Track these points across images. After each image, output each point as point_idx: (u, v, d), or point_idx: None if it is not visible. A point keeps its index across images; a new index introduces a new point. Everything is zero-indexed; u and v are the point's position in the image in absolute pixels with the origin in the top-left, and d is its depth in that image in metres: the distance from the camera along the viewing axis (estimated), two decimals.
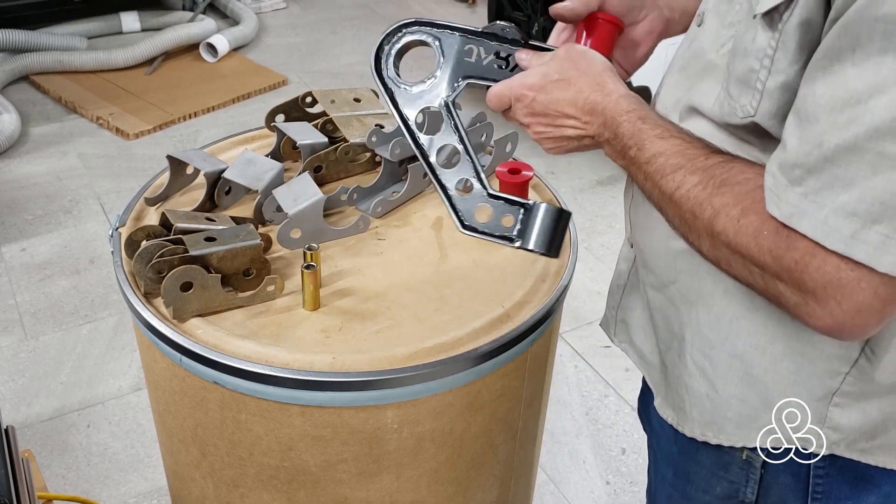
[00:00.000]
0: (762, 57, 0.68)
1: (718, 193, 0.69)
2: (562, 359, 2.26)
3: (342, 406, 0.95)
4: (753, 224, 0.66)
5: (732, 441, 0.85)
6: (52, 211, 2.80)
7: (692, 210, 0.71)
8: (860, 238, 0.59)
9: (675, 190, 0.73)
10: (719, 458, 0.88)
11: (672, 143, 0.75)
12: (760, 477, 0.85)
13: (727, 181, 0.69)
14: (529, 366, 1.07)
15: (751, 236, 0.66)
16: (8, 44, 3.49)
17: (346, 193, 1.17)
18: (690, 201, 0.71)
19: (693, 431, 0.89)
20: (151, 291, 1.01)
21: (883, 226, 0.59)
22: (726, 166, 0.71)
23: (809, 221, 0.62)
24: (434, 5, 4.60)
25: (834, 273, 0.61)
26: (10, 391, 2.11)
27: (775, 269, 0.65)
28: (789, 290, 0.65)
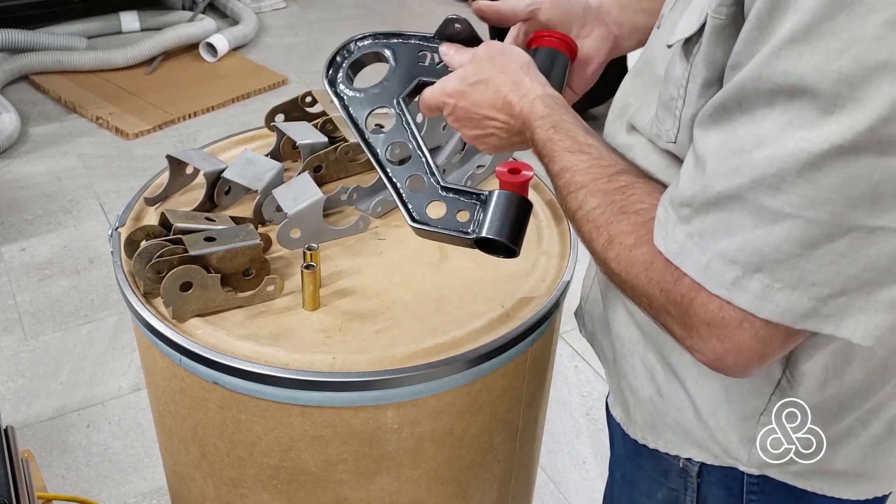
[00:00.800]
0: (678, 86, 0.68)
1: (615, 221, 0.69)
2: (562, 359, 2.26)
3: (342, 406, 0.95)
4: (645, 255, 0.66)
5: (669, 448, 0.85)
6: (51, 211, 2.80)
7: (589, 233, 0.71)
8: (741, 286, 0.59)
9: (577, 209, 0.73)
10: (659, 465, 0.88)
11: (579, 159, 0.75)
12: (697, 486, 0.85)
13: (625, 208, 0.69)
14: (529, 366, 1.07)
15: (641, 267, 0.66)
16: (8, 44, 3.49)
17: (346, 193, 1.17)
18: (589, 223, 0.71)
19: (636, 433, 0.89)
20: (151, 291, 1.01)
21: (763, 275, 0.58)
22: (627, 192, 0.70)
23: (693, 263, 0.61)
24: (434, 5, 4.60)
25: (717, 312, 0.61)
26: (9, 391, 2.10)
27: (662, 301, 0.65)
28: (675, 323, 0.65)
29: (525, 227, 0.88)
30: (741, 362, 0.62)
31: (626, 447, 0.93)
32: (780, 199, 0.56)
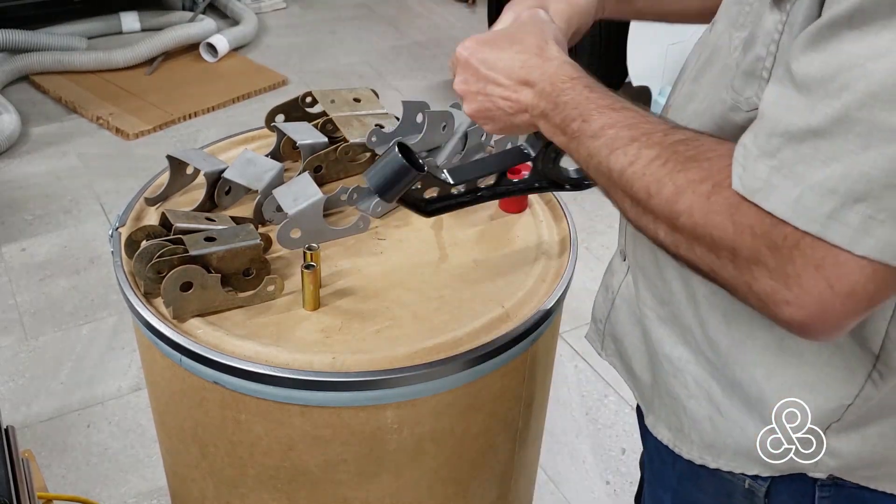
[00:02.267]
0: (769, 43, 0.64)
1: (684, 169, 0.62)
2: (562, 359, 2.26)
3: (342, 406, 0.95)
4: (729, 199, 0.59)
5: (732, 467, 0.83)
6: (52, 211, 2.80)
7: (647, 188, 0.63)
8: (838, 218, 0.54)
9: (626, 166, 0.65)
10: (721, 487, 0.85)
11: (625, 115, 0.68)
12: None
13: (695, 157, 0.62)
14: (529, 366, 1.07)
15: (725, 213, 0.59)
16: (8, 44, 3.49)
17: (346, 193, 1.17)
18: (646, 178, 0.63)
19: (691, 454, 0.86)
20: (151, 291, 1.01)
21: (866, 205, 0.53)
22: (692, 143, 0.63)
23: (780, 197, 0.56)
24: (434, 5, 4.60)
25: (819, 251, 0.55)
26: (10, 391, 2.10)
27: (754, 249, 0.57)
28: (768, 274, 0.57)
29: (398, 185, 0.90)
30: (846, 311, 0.56)
31: (679, 469, 0.89)
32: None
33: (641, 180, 0.64)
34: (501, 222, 1.19)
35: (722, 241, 0.59)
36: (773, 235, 0.57)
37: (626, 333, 0.95)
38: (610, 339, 0.99)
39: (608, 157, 0.67)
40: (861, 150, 0.53)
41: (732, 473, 0.84)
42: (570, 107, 0.73)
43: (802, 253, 0.55)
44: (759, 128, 0.59)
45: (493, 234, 1.17)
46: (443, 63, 3.91)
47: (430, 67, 3.87)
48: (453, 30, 4.31)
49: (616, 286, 0.96)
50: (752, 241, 0.58)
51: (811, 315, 0.57)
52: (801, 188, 0.55)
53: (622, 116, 0.68)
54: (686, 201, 0.61)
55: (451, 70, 0.87)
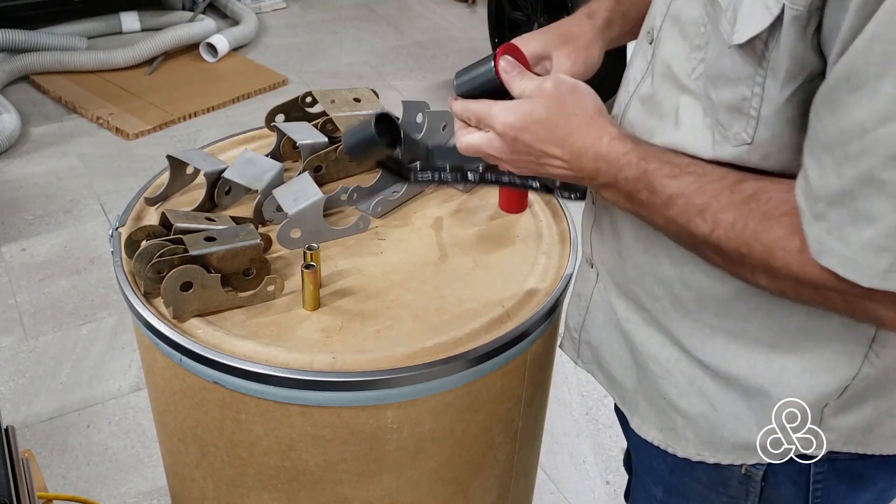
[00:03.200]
0: (752, 85, 0.65)
1: (764, 229, 0.65)
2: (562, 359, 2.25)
3: (342, 406, 0.95)
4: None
5: (731, 460, 0.84)
6: (52, 211, 2.80)
7: (738, 249, 0.67)
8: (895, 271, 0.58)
9: (710, 233, 0.68)
10: (717, 475, 0.86)
11: (687, 182, 0.70)
12: (761, 490, 0.84)
13: (769, 214, 0.65)
14: (529, 366, 1.07)
15: (815, 265, 0.63)
16: (8, 44, 3.49)
17: (346, 193, 1.17)
18: (733, 241, 0.67)
19: (687, 451, 0.87)
20: (151, 291, 1.01)
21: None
22: (760, 198, 0.66)
23: (837, 259, 0.60)
24: (434, 5, 4.60)
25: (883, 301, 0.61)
26: (10, 391, 2.10)
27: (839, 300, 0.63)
28: (883, 305, 0.62)
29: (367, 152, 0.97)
30: None
31: (670, 464, 0.90)
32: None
33: (728, 244, 0.67)
34: (501, 222, 1.19)
35: (826, 286, 0.63)
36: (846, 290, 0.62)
37: (602, 340, 0.96)
38: (586, 346, 1.00)
39: (687, 225, 0.70)
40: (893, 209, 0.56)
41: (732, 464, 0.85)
42: (632, 181, 0.73)
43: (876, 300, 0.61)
44: (807, 189, 0.62)
45: (493, 234, 1.17)
46: (443, 63, 3.92)
47: (430, 67, 3.87)
48: (453, 30, 4.31)
49: (588, 293, 0.97)
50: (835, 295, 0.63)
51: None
52: (853, 248, 0.59)
53: (685, 184, 0.70)
54: (780, 259, 0.65)
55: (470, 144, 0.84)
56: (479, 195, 1.25)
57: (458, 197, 1.24)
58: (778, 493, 0.84)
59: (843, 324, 0.73)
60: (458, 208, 1.22)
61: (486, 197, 1.25)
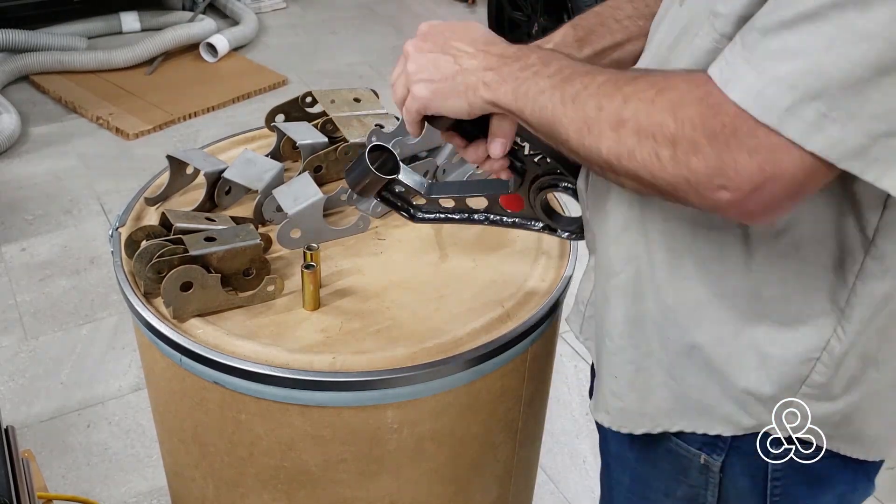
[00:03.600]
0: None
1: (631, 83, 0.66)
2: (562, 359, 2.26)
3: (342, 406, 0.95)
4: (671, 99, 0.63)
5: (695, 427, 0.83)
6: (52, 211, 2.80)
7: (598, 104, 0.67)
8: (795, 112, 0.56)
9: (580, 91, 0.69)
10: (677, 463, 0.86)
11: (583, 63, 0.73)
12: (720, 481, 0.84)
13: (639, 77, 0.67)
14: (529, 366, 1.07)
15: (667, 111, 0.63)
16: (8, 44, 3.49)
17: (346, 193, 1.17)
18: (597, 96, 0.67)
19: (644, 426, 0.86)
20: (151, 291, 1.01)
21: (822, 102, 0.55)
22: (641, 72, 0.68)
23: (744, 88, 0.58)
24: (434, 5, 4.60)
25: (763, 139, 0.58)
26: (10, 391, 2.10)
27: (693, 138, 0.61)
28: (706, 161, 0.60)
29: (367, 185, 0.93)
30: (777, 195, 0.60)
31: (635, 450, 0.90)
32: (869, 15, 0.53)
33: (593, 99, 0.68)
34: None
35: (663, 136, 0.63)
36: (711, 125, 0.60)
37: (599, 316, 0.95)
38: (590, 320, 0.99)
39: (564, 86, 0.71)
40: (826, 48, 0.55)
41: (689, 450, 0.84)
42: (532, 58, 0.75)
43: (739, 141, 0.59)
44: (747, 24, 0.61)
45: (493, 234, 1.17)
46: None
47: None
48: None
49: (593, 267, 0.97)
50: (691, 133, 0.61)
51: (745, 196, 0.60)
52: (766, 79, 0.58)
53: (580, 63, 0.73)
54: (632, 108, 0.65)
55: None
56: None
57: None
58: (735, 486, 0.84)
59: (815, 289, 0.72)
60: None
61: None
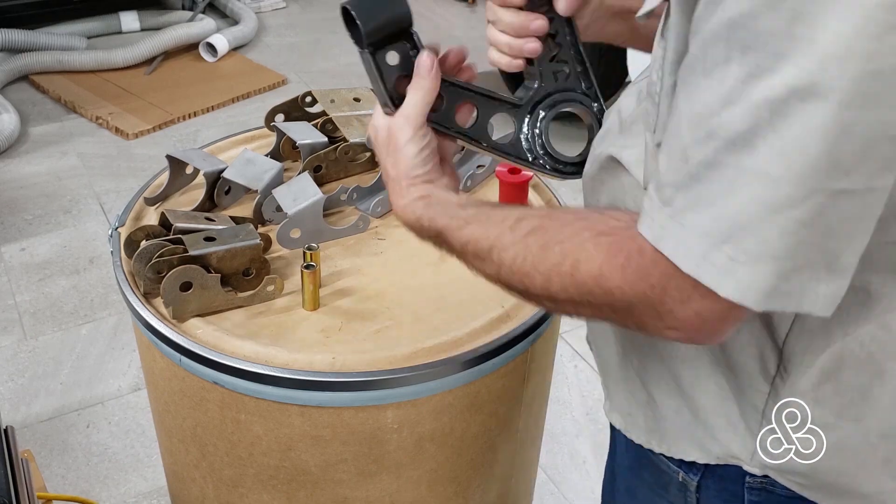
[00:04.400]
0: (658, 67, 0.67)
1: (542, 260, 0.68)
2: (562, 359, 2.26)
3: (342, 406, 0.95)
4: (590, 271, 0.64)
5: (674, 452, 0.83)
6: (51, 211, 2.80)
7: (521, 283, 0.70)
8: (709, 259, 0.57)
9: (497, 270, 0.72)
10: (660, 477, 0.87)
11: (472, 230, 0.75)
12: (696, 500, 0.84)
13: (546, 245, 0.68)
14: (529, 366, 1.07)
15: (592, 283, 0.65)
16: (8, 44, 3.49)
17: (346, 193, 1.17)
18: (515, 277, 0.70)
19: (640, 438, 0.87)
20: (151, 291, 1.01)
21: (730, 245, 0.56)
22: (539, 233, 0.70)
23: (671, 242, 0.59)
24: (434, 5, 4.60)
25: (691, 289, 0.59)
26: (9, 391, 2.10)
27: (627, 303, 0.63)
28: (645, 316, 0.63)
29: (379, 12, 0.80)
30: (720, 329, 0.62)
31: (629, 457, 0.91)
32: (755, 155, 0.54)
33: (512, 279, 0.71)
34: None
35: (598, 303, 0.66)
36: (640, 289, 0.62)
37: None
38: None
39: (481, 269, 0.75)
40: (728, 193, 0.56)
41: (669, 466, 0.85)
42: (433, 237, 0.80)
43: (670, 296, 0.61)
44: (658, 178, 0.62)
45: None
46: None
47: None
48: (453, 30, 4.31)
49: None
50: (621, 298, 0.63)
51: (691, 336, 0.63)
52: (686, 231, 0.59)
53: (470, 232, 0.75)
54: (556, 284, 0.67)
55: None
56: (480, 195, 1.25)
57: None
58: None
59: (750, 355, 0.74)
60: None
61: (486, 197, 1.24)
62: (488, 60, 0.86)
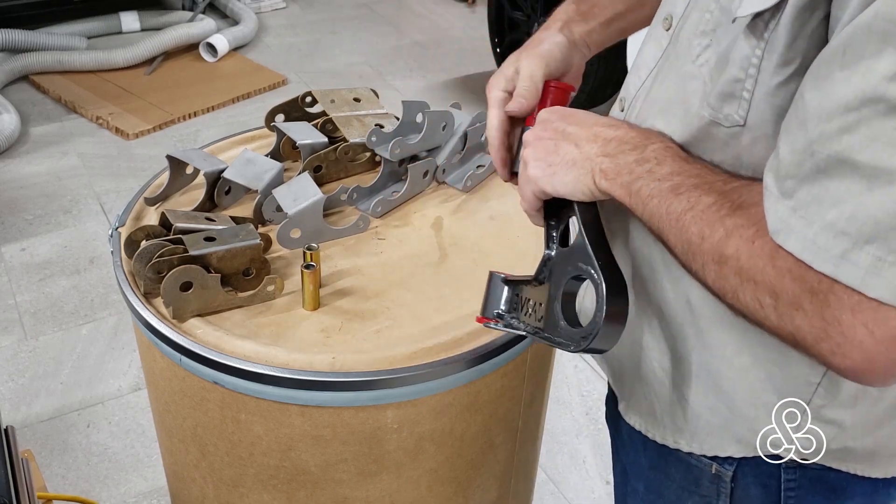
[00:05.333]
0: (747, 66, 0.65)
1: (733, 215, 0.63)
2: (562, 359, 2.26)
3: (342, 406, 0.95)
4: (770, 244, 0.59)
5: (705, 450, 0.83)
6: (51, 211, 2.80)
7: (701, 232, 0.65)
8: (850, 259, 0.54)
9: (685, 210, 0.66)
10: (689, 473, 0.86)
11: (695, 167, 0.69)
12: (731, 491, 0.84)
13: (744, 203, 0.64)
14: (529, 366, 1.07)
15: (767, 258, 0.59)
16: (8, 44, 3.49)
17: (346, 193, 1.17)
18: (700, 222, 0.65)
19: (665, 438, 0.87)
20: (151, 291, 1.01)
21: (875, 246, 0.53)
22: (745, 189, 0.65)
23: (798, 238, 0.57)
24: (434, 5, 4.60)
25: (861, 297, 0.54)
26: (10, 391, 2.10)
27: (794, 293, 0.58)
28: (809, 320, 0.57)
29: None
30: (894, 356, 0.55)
31: (649, 456, 0.90)
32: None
33: (696, 224, 0.65)
34: (501, 222, 1.19)
35: (764, 285, 0.60)
36: (808, 279, 0.57)
37: None
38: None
39: (671, 200, 0.68)
40: (866, 192, 0.53)
41: (701, 460, 0.84)
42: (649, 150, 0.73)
43: (838, 297, 0.55)
44: (777, 168, 0.60)
45: (493, 234, 1.17)
46: (443, 63, 3.92)
47: (430, 67, 3.87)
48: (453, 30, 4.31)
49: None
50: (791, 285, 0.58)
51: (858, 363, 0.56)
52: (815, 228, 0.56)
53: (692, 167, 0.69)
54: (733, 245, 0.62)
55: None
56: (480, 195, 1.25)
57: (458, 197, 1.24)
58: (747, 495, 0.83)
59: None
60: (458, 208, 1.22)
61: (486, 197, 1.25)
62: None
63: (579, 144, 0.77)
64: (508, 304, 0.88)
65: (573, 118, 0.80)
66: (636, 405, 0.90)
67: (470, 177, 1.25)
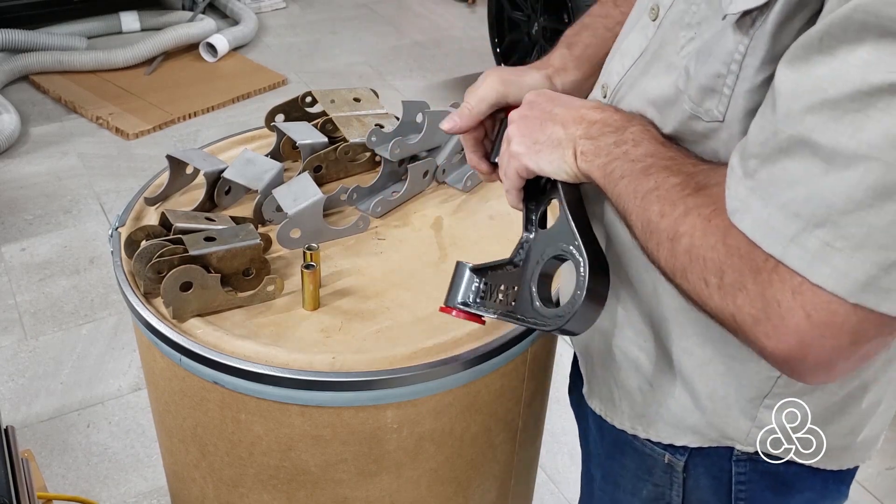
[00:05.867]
0: (730, 62, 0.64)
1: (696, 195, 0.64)
2: (562, 359, 2.25)
3: (342, 406, 0.95)
4: (724, 223, 0.59)
5: (661, 437, 0.84)
6: (51, 211, 2.80)
7: (661, 210, 0.65)
8: (799, 242, 0.53)
9: (651, 190, 0.67)
10: (643, 462, 0.87)
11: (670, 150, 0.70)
12: (683, 481, 0.85)
13: (708, 184, 0.64)
14: (529, 366, 1.07)
15: (719, 235, 0.59)
16: (8, 44, 3.49)
17: (346, 193, 1.17)
18: (662, 201, 0.65)
19: (623, 424, 0.87)
20: (151, 291, 1.01)
21: (825, 230, 0.52)
22: (712, 171, 0.65)
23: (752, 219, 0.56)
24: (434, 5, 4.60)
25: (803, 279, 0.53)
26: (10, 391, 2.10)
27: (739, 271, 0.57)
28: (749, 300, 0.57)
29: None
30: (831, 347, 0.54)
31: (605, 445, 0.92)
32: (860, 137, 0.51)
33: (658, 203, 0.66)
34: (501, 222, 1.19)
35: (712, 262, 0.60)
36: (755, 258, 0.56)
37: None
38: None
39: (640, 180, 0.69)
40: (823, 174, 0.53)
41: (654, 449, 0.85)
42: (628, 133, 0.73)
43: (781, 278, 0.55)
44: (743, 148, 0.60)
45: (493, 234, 1.17)
46: (443, 63, 3.92)
47: (430, 67, 3.87)
48: (453, 30, 4.31)
49: None
50: (738, 262, 0.58)
51: (791, 348, 0.56)
52: (770, 209, 0.55)
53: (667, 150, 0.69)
54: (689, 222, 0.62)
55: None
56: (479, 195, 1.25)
57: (458, 197, 1.24)
58: (698, 486, 0.84)
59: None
60: (458, 208, 1.22)
61: (486, 197, 1.25)
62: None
63: (565, 125, 0.77)
64: (475, 293, 0.88)
65: (560, 100, 0.81)
66: (598, 389, 0.91)
67: (470, 177, 1.25)
